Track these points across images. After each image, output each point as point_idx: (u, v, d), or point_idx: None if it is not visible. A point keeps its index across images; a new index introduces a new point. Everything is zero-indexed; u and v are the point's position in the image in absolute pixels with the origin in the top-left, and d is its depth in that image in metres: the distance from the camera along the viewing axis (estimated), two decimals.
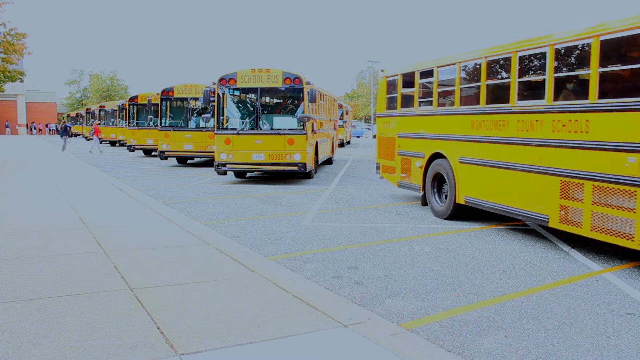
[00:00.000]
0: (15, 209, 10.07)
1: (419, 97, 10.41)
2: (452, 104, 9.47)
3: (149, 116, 25.24)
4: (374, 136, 60.57)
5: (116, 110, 37.99)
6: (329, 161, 21.48)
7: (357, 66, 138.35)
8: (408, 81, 10.83)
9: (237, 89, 15.38)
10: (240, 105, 15.85)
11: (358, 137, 57.83)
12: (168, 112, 21.58)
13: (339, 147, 30.42)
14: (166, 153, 21.09)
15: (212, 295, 5.14)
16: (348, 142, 40.46)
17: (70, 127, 31.55)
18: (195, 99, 21.07)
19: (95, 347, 3.91)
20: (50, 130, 74.80)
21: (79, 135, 58.68)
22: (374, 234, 8.39)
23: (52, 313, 4.60)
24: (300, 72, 14.91)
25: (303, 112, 14.68)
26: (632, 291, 5.59)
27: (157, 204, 11.00)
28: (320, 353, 3.94)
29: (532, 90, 7.78)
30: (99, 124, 38.15)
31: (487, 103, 8.42)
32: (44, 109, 78.31)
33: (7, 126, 69.43)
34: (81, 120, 58.90)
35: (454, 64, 9.27)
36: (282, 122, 15.08)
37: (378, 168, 12.25)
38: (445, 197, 9.68)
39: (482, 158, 8.52)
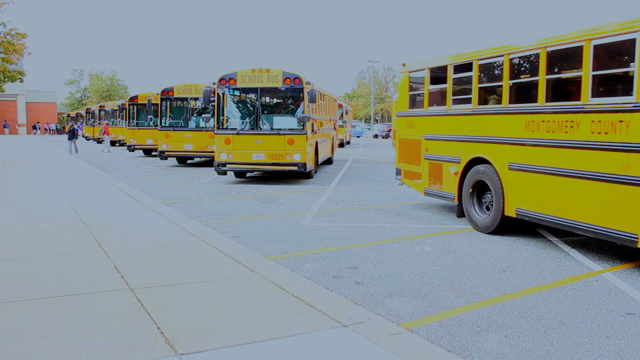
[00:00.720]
0: (15, 209, 10.07)
1: (453, 94, 9.19)
2: (498, 101, 8.34)
3: (149, 116, 25.25)
4: (374, 136, 59.93)
5: (116, 110, 37.99)
6: (328, 161, 21.48)
7: (357, 66, 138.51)
8: (438, 76, 9.65)
9: (237, 89, 15.35)
10: (240, 105, 15.81)
11: (358, 137, 57.86)
12: (168, 112, 21.58)
13: (338, 147, 30.43)
14: (166, 153, 21.09)
15: (212, 295, 5.14)
16: (348, 142, 40.45)
17: (78, 130, 31.99)
18: (195, 99, 21.06)
19: (95, 347, 3.91)
20: (50, 130, 74.82)
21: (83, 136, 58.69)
22: (374, 234, 8.39)
23: (52, 313, 4.60)
24: (300, 72, 14.89)
25: (303, 112, 14.60)
26: (632, 291, 5.59)
27: (157, 204, 11.00)
28: (320, 353, 3.94)
29: (611, 86, 6.83)
30: (108, 123, 38.26)
31: (547, 101, 7.25)
32: (44, 109, 78.28)
33: (5, 126, 69.40)
34: (81, 120, 58.92)
35: (501, 55, 8.05)
36: (282, 122, 15.01)
37: (398, 174, 11.03)
38: (487, 208, 8.56)
39: (542, 165, 7.30)
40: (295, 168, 14.44)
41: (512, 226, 8.30)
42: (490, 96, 8.71)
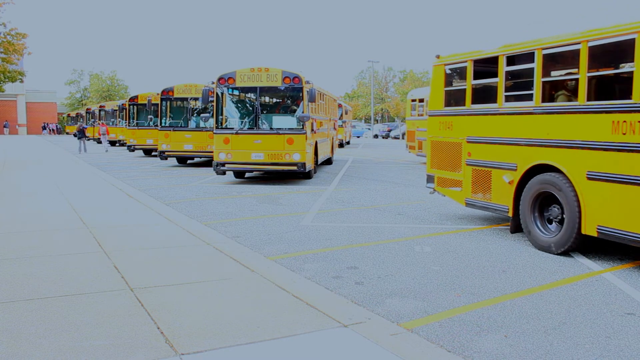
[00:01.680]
0: (15, 209, 10.06)
1: (506, 90, 7.96)
2: (569, 97, 7.27)
3: (149, 116, 25.25)
4: (374, 136, 59.64)
5: (116, 110, 38.00)
6: (328, 161, 21.47)
7: (357, 66, 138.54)
8: (484, 70, 8.53)
9: (236, 89, 15.25)
10: (239, 104, 15.71)
11: (358, 137, 57.85)
12: (168, 112, 21.58)
13: (338, 147, 30.42)
14: (166, 153, 21.09)
15: (212, 295, 5.14)
16: (348, 143, 40.43)
17: (86, 128, 33.82)
18: (196, 99, 21.05)
19: (95, 347, 3.91)
20: (50, 130, 74.90)
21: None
22: (374, 234, 8.38)
23: (52, 313, 4.60)
24: (300, 71, 14.84)
25: (303, 112, 14.49)
26: (632, 291, 5.59)
27: (157, 204, 11.00)
28: (320, 353, 3.94)
29: None
30: (105, 123, 38.73)
31: None
32: (44, 109, 78.28)
33: (5, 126, 69.40)
34: (81, 120, 58.96)
35: (576, 43, 6.77)
36: (282, 121, 14.90)
37: (431, 181, 9.72)
38: (550, 222, 7.37)
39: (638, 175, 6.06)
40: (294, 168, 14.35)
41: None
42: (558, 92, 7.58)
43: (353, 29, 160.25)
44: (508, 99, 7.99)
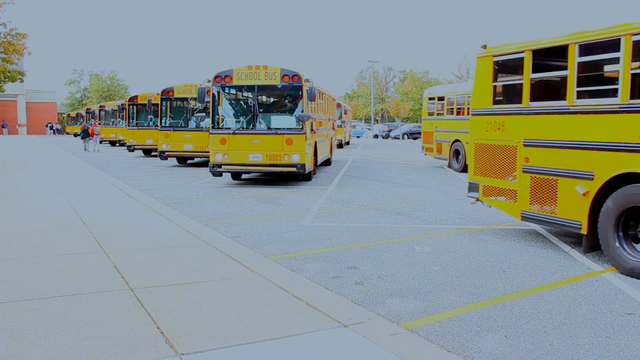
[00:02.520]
0: (15, 209, 10.06)
1: (579, 84, 6.78)
2: None
3: (149, 116, 25.27)
4: (374, 136, 59.46)
5: (116, 110, 38.03)
6: (327, 162, 21.44)
7: (357, 66, 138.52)
8: (547, 62, 7.59)
9: (233, 87, 14.74)
10: (236, 103, 15.30)
11: (358, 137, 57.87)
12: (168, 112, 21.58)
13: (337, 147, 30.43)
14: (166, 153, 21.09)
15: (212, 295, 5.14)
16: (347, 143, 40.39)
17: (89, 128, 34.17)
18: (195, 99, 21.07)
19: (95, 347, 3.91)
20: (54, 130, 75.04)
21: (78, 135, 58.87)
22: (374, 234, 8.38)
23: (52, 313, 4.60)
24: (299, 70, 14.68)
25: (302, 111, 14.13)
26: (632, 291, 5.59)
27: (157, 204, 11.00)
28: (320, 353, 3.94)
29: None
30: (98, 123, 38.95)
31: None
32: (44, 109, 78.28)
33: (3, 126, 69.37)
34: (81, 120, 59.02)
35: None
36: (280, 121, 14.55)
37: (474, 189, 8.56)
38: (638, 241, 6.36)
39: None
40: (293, 169, 14.00)
41: None
42: None
43: (353, 29, 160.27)
44: (581, 95, 6.84)
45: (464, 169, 17.60)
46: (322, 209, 10.70)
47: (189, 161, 23.20)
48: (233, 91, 15.20)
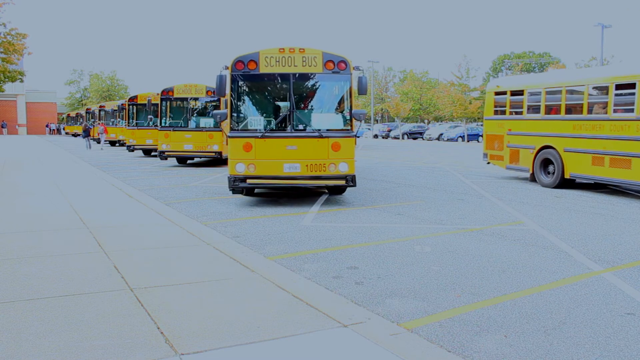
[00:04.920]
0: (15, 209, 10.06)
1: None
2: None
3: (149, 116, 25.28)
4: (374, 136, 59.50)
5: (116, 110, 38.07)
6: None
7: None
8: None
9: (260, 76, 11.17)
10: (263, 97, 11.90)
11: (358, 137, 57.83)
12: (168, 112, 21.59)
13: None
14: (166, 153, 21.10)
15: (212, 295, 5.14)
16: None
17: (91, 128, 37.11)
18: (195, 99, 21.10)
19: (95, 347, 3.91)
20: (51, 130, 75.15)
21: (78, 135, 58.97)
22: (374, 234, 8.38)
23: (52, 313, 4.60)
24: (345, 55, 11.48)
25: (350, 107, 11.21)
26: (632, 291, 5.59)
27: (157, 204, 11.00)
28: (320, 353, 3.94)
29: None
30: (104, 123, 39.93)
31: None
32: (44, 109, 78.35)
33: (3, 126, 69.36)
34: (81, 120, 59.08)
35: None
36: (324, 120, 11.29)
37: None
38: None
39: None
40: (342, 182, 10.90)
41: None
42: None
43: (353, 29, 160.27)
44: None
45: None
46: (322, 209, 10.70)
47: (188, 161, 23.21)
48: (260, 81, 11.51)
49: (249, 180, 10.83)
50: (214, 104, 20.95)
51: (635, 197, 12.56)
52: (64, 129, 74.35)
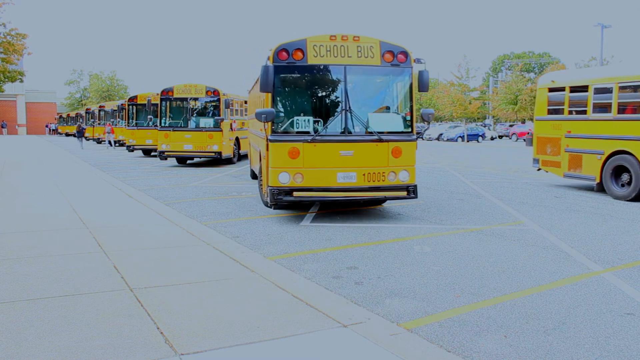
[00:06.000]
0: (14, 209, 10.06)
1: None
2: None
3: (149, 116, 25.28)
4: None
5: (116, 110, 38.08)
6: None
7: None
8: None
9: (308, 68, 9.49)
10: (313, 93, 10.07)
11: None
12: (168, 112, 21.59)
13: None
14: (166, 153, 21.10)
15: (212, 296, 5.14)
16: None
17: (84, 129, 38.40)
18: (195, 99, 21.10)
19: (95, 347, 3.91)
20: (50, 130, 75.21)
21: (70, 135, 59.17)
22: (374, 234, 8.38)
23: (52, 313, 4.60)
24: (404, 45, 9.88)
25: (411, 106, 9.76)
26: (632, 291, 5.59)
27: (156, 204, 11.00)
28: (320, 353, 3.94)
29: None
30: (111, 123, 40.08)
31: None
32: (44, 109, 78.39)
33: (3, 126, 69.36)
34: (81, 120, 59.11)
35: None
36: (383, 121, 9.62)
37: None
38: None
39: None
40: (403, 194, 9.48)
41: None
42: None
43: (352, 29, 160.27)
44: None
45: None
46: (321, 209, 10.70)
47: (188, 161, 23.21)
48: (307, 74, 9.79)
49: (295, 193, 9.15)
50: (214, 104, 20.96)
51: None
52: (57, 128, 74.49)
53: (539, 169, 14.80)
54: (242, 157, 23.17)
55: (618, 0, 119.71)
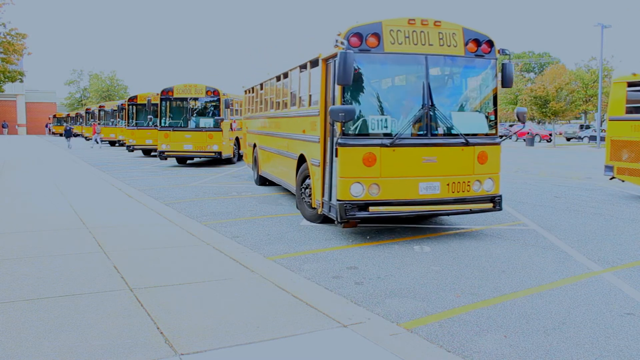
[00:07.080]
0: (15, 209, 10.05)
1: None
2: None
3: (149, 116, 25.29)
4: None
5: (115, 110, 38.09)
6: None
7: None
8: None
9: (385, 57, 7.95)
10: (390, 88, 8.89)
11: None
12: (168, 112, 21.58)
13: None
14: (166, 153, 21.10)
15: (212, 296, 5.14)
16: None
17: (71, 129, 40.84)
18: (195, 99, 21.10)
19: (95, 347, 3.91)
20: (50, 130, 75.28)
21: (79, 135, 59.07)
22: (373, 234, 8.38)
23: (52, 313, 4.60)
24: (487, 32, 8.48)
25: (495, 103, 8.60)
26: (632, 291, 5.59)
27: (156, 204, 11.00)
28: (320, 353, 3.94)
29: None
30: (98, 123, 41.63)
31: None
32: (44, 109, 78.40)
33: (4, 126, 69.39)
34: (81, 120, 59.15)
35: None
36: (466, 121, 8.35)
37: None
38: None
39: None
40: (489, 206, 8.28)
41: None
42: None
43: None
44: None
45: None
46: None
47: (188, 161, 23.21)
48: (383, 64, 8.27)
49: (372, 208, 7.66)
50: (214, 104, 20.96)
51: (635, 197, 12.55)
52: (51, 128, 74.60)
53: (612, 178, 12.68)
54: (242, 157, 23.17)
55: (618, 0, 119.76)
